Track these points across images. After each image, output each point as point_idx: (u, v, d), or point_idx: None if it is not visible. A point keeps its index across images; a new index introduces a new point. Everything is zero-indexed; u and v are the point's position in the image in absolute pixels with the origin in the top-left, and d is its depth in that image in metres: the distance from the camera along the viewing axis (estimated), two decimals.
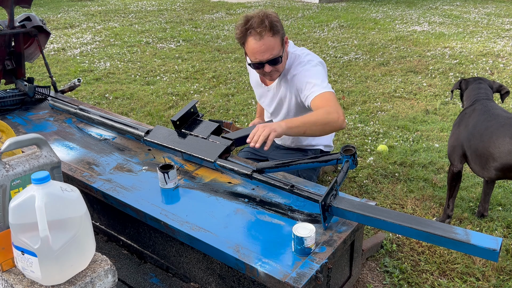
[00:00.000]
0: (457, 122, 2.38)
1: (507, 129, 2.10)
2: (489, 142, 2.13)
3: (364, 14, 8.59)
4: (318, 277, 1.36)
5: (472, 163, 2.27)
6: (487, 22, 7.63)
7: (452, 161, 2.35)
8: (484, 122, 2.20)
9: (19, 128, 2.46)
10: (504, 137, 2.09)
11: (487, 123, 2.19)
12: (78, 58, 5.89)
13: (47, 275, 1.13)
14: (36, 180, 1.11)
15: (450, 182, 2.37)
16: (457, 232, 1.34)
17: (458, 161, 2.32)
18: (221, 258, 1.50)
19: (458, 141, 2.31)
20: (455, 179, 2.35)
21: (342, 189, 2.78)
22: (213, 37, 6.95)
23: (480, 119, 2.23)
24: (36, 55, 3.09)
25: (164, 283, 1.83)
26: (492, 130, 2.14)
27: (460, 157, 2.32)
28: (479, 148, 2.18)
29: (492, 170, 2.16)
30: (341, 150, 1.66)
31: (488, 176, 2.22)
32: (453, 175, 2.34)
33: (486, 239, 1.31)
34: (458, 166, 2.32)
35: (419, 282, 2.02)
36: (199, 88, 4.67)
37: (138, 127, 2.21)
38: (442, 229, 1.35)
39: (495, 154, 2.11)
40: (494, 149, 2.11)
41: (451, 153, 2.36)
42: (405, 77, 4.92)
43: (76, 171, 1.97)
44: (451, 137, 2.38)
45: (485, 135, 2.16)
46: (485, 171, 2.20)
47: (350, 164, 1.65)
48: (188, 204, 1.74)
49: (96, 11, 9.48)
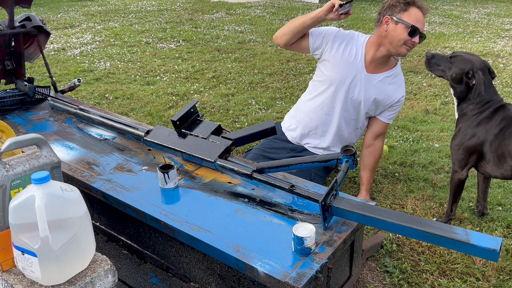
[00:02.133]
0: (471, 127, 2.18)
1: None
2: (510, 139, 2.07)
3: (364, 14, 8.59)
4: (318, 277, 1.36)
5: (487, 165, 2.18)
6: (487, 22, 7.63)
7: (461, 168, 2.23)
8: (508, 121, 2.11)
9: (19, 128, 2.47)
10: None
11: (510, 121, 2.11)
12: (78, 58, 5.89)
13: (47, 275, 1.13)
14: (36, 180, 1.11)
15: (455, 188, 2.28)
16: (457, 232, 1.34)
17: (468, 168, 2.23)
18: (221, 258, 1.50)
19: (478, 146, 2.17)
20: (460, 186, 2.27)
21: (342, 189, 2.78)
22: (213, 37, 6.95)
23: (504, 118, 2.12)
24: (36, 55, 3.09)
25: (164, 283, 1.83)
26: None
27: (473, 163, 2.21)
28: (500, 148, 2.11)
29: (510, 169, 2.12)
30: (341, 150, 1.66)
31: (505, 176, 2.16)
32: (460, 183, 2.26)
33: (486, 239, 1.31)
34: (465, 173, 2.23)
35: (419, 282, 2.02)
36: (199, 88, 4.67)
37: (138, 127, 2.21)
38: (442, 229, 1.35)
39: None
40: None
41: (462, 159, 2.21)
42: (405, 77, 4.92)
43: (76, 171, 1.97)
44: (462, 143, 2.21)
45: (507, 133, 2.09)
46: (502, 170, 2.14)
47: (350, 164, 1.65)
48: (188, 204, 1.74)
49: (96, 11, 9.48)
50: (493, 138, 2.13)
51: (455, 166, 2.25)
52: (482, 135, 2.15)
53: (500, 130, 2.12)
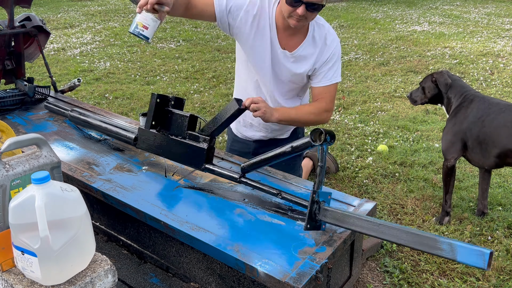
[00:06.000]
0: (452, 117, 2.42)
1: (507, 114, 2.21)
2: (489, 128, 2.24)
3: (364, 14, 8.59)
4: (318, 277, 1.36)
5: (472, 153, 2.34)
6: (487, 22, 7.63)
7: (448, 156, 2.42)
8: (485, 110, 2.29)
9: (19, 128, 2.46)
10: (505, 122, 2.20)
11: (488, 110, 2.28)
12: (78, 58, 5.89)
13: (47, 275, 1.13)
14: (36, 180, 1.11)
15: (445, 177, 2.45)
16: (443, 248, 1.24)
17: (454, 155, 2.39)
18: (221, 258, 1.50)
19: (458, 133, 2.36)
20: (449, 174, 2.43)
21: (342, 189, 2.78)
22: (213, 37, 6.95)
23: (480, 107, 2.31)
24: (36, 55, 3.09)
25: (164, 283, 1.83)
26: (493, 117, 2.24)
27: (458, 151, 2.38)
28: (480, 135, 2.27)
29: (492, 157, 2.26)
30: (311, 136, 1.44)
31: (488, 164, 2.30)
32: (448, 170, 2.42)
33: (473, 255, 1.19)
34: (453, 161, 2.40)
35: (419, 282, 2.02)
36: (199, 88, 4.67)
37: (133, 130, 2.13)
38: (427, 245, 1.27)
39: (495, 140, 2.22)
40: (494, 135, 2.22)
41: (448, 147, 2.42)
42: (405, 77, 4.92)
43: (76, 171, 1.97)
44: (447, 132, 2.42)
45: (487, 121, 2.25)
46: (485, 159, 2.29)
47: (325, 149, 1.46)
48: (188, 204, 1.74)
49: (96, 11, 9.48)
50: (471, 125, 2.31)
51: (444, 155, 2.45)
52: (460, 123, 2.36)
53: (478, 118, 2.29)
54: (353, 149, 3.31)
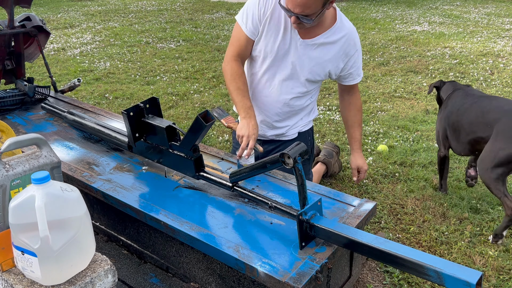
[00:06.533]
0: (440, 110, 2.65)
1: (478, 104, 2.39)
2: (462, 116, 2.44)
3: (364, 14, 8.59)
4: (318, 277, 1.36)
5: (451, 141, 2.55)
6: (487, 22, 7.63)
7: (439, 145, 2.64)
8: (461, 100, 2.51)
9: (19, 128, 2.46)
10: (474, 111, 2.39)
11: (463, 100, 2.50)
12: (78, 58, 5.89)
13: (47, 275, 1.13)
14: (36, 180, 1.11)
15: (439, 165, 2.67)
16: (430, 274, 1.23)
17: (444, 146, 2.60)
18: (221, 258, 1.50)
19: (440, 123, 2.60)
20: (442, 163, 2.65)
21: (342, 189, 2.78)
22: (213, 37, 6.95)
23: (457, 99, 2.54)
24: (36, 55, 3.09)
25: (164, 283, 1.83)
26: (466, 107, 2.45)
27: (444, 140, 2.59)
28: (454, 123, 2.48)
29: (464, 143, 2.45)
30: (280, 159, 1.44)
31: (462, 151, 2.50)
32: (441, 159, 2.64)
33: (460, 285, 1.17)
34: (443, 150, 2.61)
35: (419, 282, 2.02)
36: (199, 88, 4.67)
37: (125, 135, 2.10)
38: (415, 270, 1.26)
39: (466, 128, 2.41)
40: (466, 124, 2.41)
41: (437, 138, 2.66)
42: (405, 77, 4.92)
43: (76, 171, 1.97)
44: (436, 124, 2.67)
45: (461, 110, 2.46)
46: (459, 145, 2.50)
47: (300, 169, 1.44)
48: (188, 204, 1.74)
49: (96, 11, 9.48)
50: (449, 114, 2.52)
51: (438, 146, 2.68)
52: (443, 113, 2.58)
53: (456, 109, 2.49)
54: None
